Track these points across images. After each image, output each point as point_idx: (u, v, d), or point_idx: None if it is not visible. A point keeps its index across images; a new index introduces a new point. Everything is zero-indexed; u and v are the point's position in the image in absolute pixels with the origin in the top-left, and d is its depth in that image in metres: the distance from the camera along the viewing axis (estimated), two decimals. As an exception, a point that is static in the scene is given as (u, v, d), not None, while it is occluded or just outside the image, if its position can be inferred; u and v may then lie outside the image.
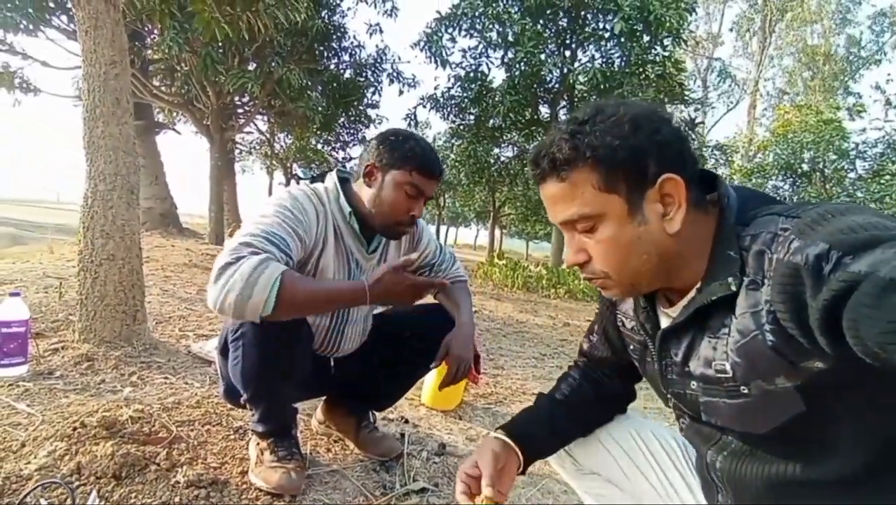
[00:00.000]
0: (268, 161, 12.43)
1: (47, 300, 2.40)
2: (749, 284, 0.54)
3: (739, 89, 21.76)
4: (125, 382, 1.63)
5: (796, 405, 0.54)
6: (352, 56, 8.12)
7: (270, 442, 1.16)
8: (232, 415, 1.46)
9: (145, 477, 1.04)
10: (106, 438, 1.10)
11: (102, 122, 1.80)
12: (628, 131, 0.57)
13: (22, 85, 6.04)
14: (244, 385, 1.08)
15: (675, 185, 0.57)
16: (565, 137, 0.58)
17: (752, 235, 0.55)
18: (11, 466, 1.00)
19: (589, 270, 0.64)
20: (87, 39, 1.79)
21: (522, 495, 1.35)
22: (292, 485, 1.11)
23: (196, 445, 1.25)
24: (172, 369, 1.81)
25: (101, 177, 1.80)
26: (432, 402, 1.89)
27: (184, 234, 7.29)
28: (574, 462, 0.90)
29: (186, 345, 2.09)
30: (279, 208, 1.02)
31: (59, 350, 1.76)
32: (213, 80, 6.01)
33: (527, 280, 7.12)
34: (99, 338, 1.81)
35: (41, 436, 1.11)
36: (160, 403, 1.45)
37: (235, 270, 0.85)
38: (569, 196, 0.60)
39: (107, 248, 1.81)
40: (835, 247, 0.43)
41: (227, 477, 1.13)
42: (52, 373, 1.60)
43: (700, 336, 0.61)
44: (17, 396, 1.40)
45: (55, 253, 4.37)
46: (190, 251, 5.27)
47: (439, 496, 1.26)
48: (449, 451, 1.52)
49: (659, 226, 0.58)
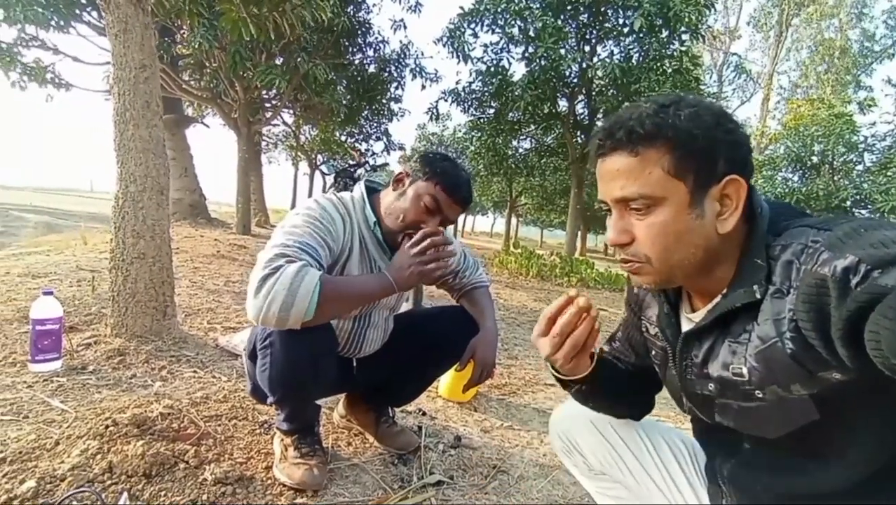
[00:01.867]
0: (293, 153, 12.52)
1: (80, 293, 2.45)
2: (774, 292, 0.54)
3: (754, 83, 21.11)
4: (155, 376, 1.65)
5: (810, 413, 0.54)
6: (376, 51, 8.08)
7: (294, 439, 1.17)
8: (258, 409, 1.46)
9: (174, 475, 1.04)
10: (137, 437, 1.11)
11: (133, 124, 1.79)
12: (710, 123, 0.56)
13: (54, 80, 6.08)
14: (272, 390, 1.08)
15: (737, 188, 0.56)
16: (649, 113, 0.56)
17: (783, 246, 0.54)
18: (46, 466, 1.00)
19: (630, 252, 0.61)
20: (116, 43, 1.78)
21: (534, 487, 1.34)
22: (315, 481, 1.12)
23: (223, 440, 1.25)
24: (201, 363, 1.83)
25: (131, 178, 1.81)
26: (449, 394, 1.90)
27: (212, 225, 7.42)
28: (585, 462, 0.90)
29: (214, 338, 2.11)
30: (308, 218, 1.03)
31: (91, 345, 1.78)
32: (241, 76, 6.02)
33: (541, 269, 7.07)
34: (130, 333, 1.84)
35: (74, 434, 1.12)
36: (189, 397, 1.46)
37: (276, 280, 0.88)
38: (635, 173, 0.57)
39: (137, 247, 1.82)
40: (864, 260, 0.42)
41: (252, 473, 1.14)
42: (85, 368, 1.62)
43: (721, 340, 0.61)
44: (52, 392, 1.42)
45: (88, 244, 4.47)
46: (218, 241, 5.35)
47: (454, 488, 1.27)
48: (464, 443, 1.52)
49: (712, 223, 0.57)
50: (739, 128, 0.58)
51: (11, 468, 0.99)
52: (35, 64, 5.86)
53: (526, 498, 1.29)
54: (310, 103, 7.24)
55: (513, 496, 1.28)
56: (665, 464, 0.83)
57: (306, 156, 11.96)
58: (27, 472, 0.98)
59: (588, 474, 0.91)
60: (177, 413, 1.28)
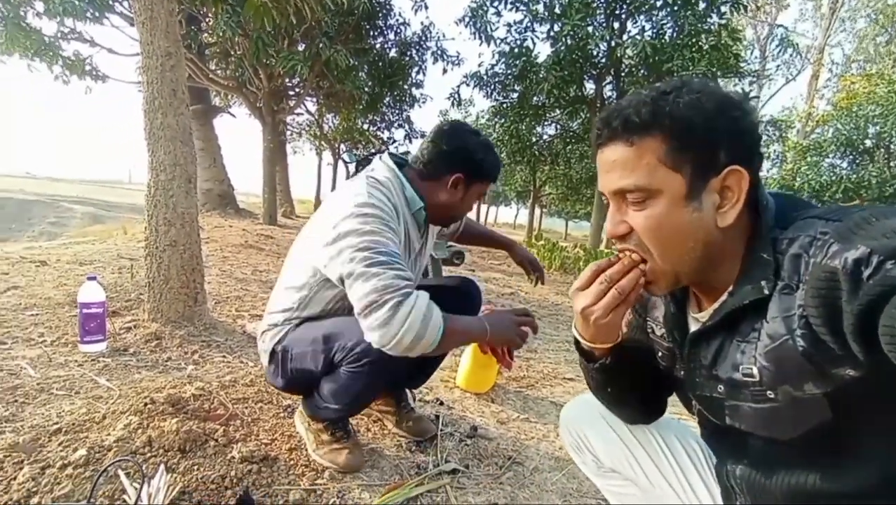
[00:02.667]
0: (317, 142, 12.72)
1: (121, 280, 2.64)
2: (783, 288, 0.52)
3: (802, 58, 19.56)
4: (188, 359, 1.77)
5: (823, 413, 0.53)
6: (397, 34, 8.03)
7: (327, 424, 1.23)
8: (281, 394, 1.55)
9: (205, 452, 1.13)
10: (172, 415, 1.21)
11: (161, 113, 1.86)
12: (711, 111, 0.54)
13: (91, 72, 6.36)
14: (348, 403, 1.14)
15: (739, 179, 0.54)
16: (646, 101, 0.55)
17: (790, 239, 0.52)
18: (95, 437, 1.12)
19: (627, 243, 0.61)
20: (143, 31, 1.84)
21: (549, 479, 1.37)
22: (357, 464, 1.21)
23: (249, 421, 1.34)
24: (229, 348, 1.94)
25: (161, 167, 1.89)
26: (466, 384, 1.94)
27: (240, 215, 7.68)
28: (595, 459, 0.89)
29: (242, 325, 2.23)
30: (379, 223, 1.02)
31: (131, 328, 1.93)
32: (264, 63, 6.14)
33: (564, 261, 6.97)
34: (165, 318, 1.96)
35: (118, 409, 1.24)
36: (218, 380, 1.56)
37: (410, 312, 0.93)
38: (631, 163, 0.56)
39: (169, 234, 1.92)
40: (876, 251, 0.41)
41: (276, 453, 1.22)
42: (126, 350, 1.76)
43: (730, 340, 0.59)
44: (99, 371, 1.56)
45: (128, 234, 4.75)
46: (246, 231, 5.56)
47: (469, 477, 1.31)
48: (480, 433, 1.56)
49: (711, 216, 0.55)
50: (747, 115, 0.55)
51: (66, 437, 1.12)
52: (74, 57, 6.13)
53: (540, 490, 1.31)
54: (332, 91, 7.31)
55: (527, 487, 1.31)
56: (680, 464, 0.81)
57: (330, 145, 12.15)
58: (79, 441, 1.10)
59: (598, 472, 0.90)
60: (207, 395, 1.38)
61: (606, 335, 0.69)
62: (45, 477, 0.97)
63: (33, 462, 1.01)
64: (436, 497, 1.19)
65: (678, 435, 0.84)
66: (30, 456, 1.03)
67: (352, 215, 1.01)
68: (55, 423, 1.18)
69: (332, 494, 1.11)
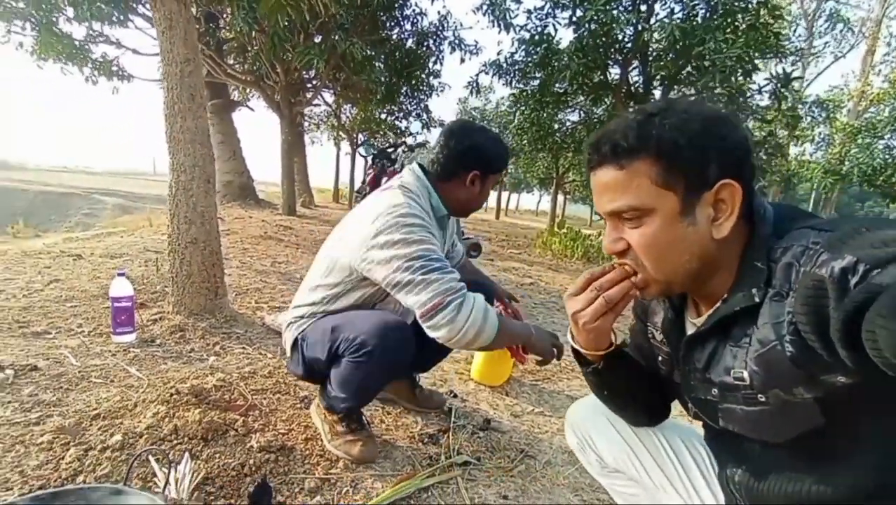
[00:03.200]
0: (335, 133, 12.86)
1: (147, 273, 2.78)
2: (774, 295, 0.54)
3: (854, 34, 18.31)
4: (210, 351, 1.87)
5: (815, 418, 0.54)
6: (413, 25, 8.00)
7: (342, 416, 1.29)
8: (298, 385, 1.63)
9: (226, 441, 1.21)
10: (195, 405, 1.30)
11: (181, 117, 1.97)
12: (697, 130, 0.56)
13: (118, 73, 6.73)
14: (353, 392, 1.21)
15: (732, 192, 0.56)
16: (632, 126, 0.58)
17: (784, 248, 0.54)
18: (129, 423, 1.22)
19: (624, 259, 0.64)
20: (164, 39, 1.94)
21: (561, 473, 1.40)
22: (371, 455, 1.27)
23: (268, 412, 1.42)
24: (249, 340, 2.04)
25: (181, 168, 2.00)
26: (480, 377, 1.96)
27: (260, 206, 7.89)
28: (599, 459, 0.91)
29: (261, 316, 2.33)
30: (424, 231, 1.12)
31: (157, 320, 2.05)
32: (281, 58, 6.24)
33: (587, 250, 6.89)
34: (188, 310, 2.08)
35: (148, 398, 1.33)
36: (238, 372, 1.65)
37: (471, 312, 1.05)
38: (623, 186, 0.59)
39: (190, 232, 2.03)
40: (862, 260, 0.42)
41: (293, 443, 1.29)
42: (153, 341, 1.88)
43: (723, 345, 0.62)
44: (130, 361, 1.68)
45: (153, 225, 4.97)
46: (265, 223, 5.71)
47: (481, 470, 1.34)
48: (493, 426, 1.59)
49: (706, 229, 0.58)
50: (735, 130, 0.58)
51: (104, 423, 1.23)
52: (102, 59, 6.52)
53: (552, 484, 1.34)
54: (348, 82, 7.37)
55: (539, 481, 1.34)
56: (684, 466, 0.83)
57: (347, 135, 12.26)
58: (115, 427, 1.21)
59: (602, 472, 0.93)
60: (228, 386, 1.47)
61: (596, 341, 0.73)
62: (87, 458, 1.08)
63: (78, 444, 1.12)
64: (446, 488, 1.23)
65: (683, 438, 0.86)
66: (74, 438, 1.14)
67: (397, 225, 1.10)
68: (94, 409, 1.29)
69: (346, 484, 1.18)
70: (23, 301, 2.15)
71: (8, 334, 1.77)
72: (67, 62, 6.21)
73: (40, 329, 1.86)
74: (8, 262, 2.84)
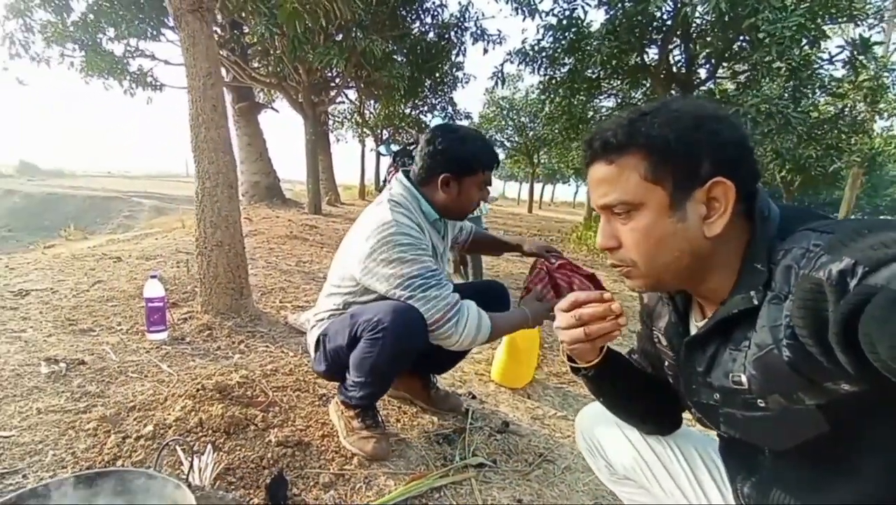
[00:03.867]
0: (359, 130, 13.12)
1: (179, 274, 3.00)
2: (772, 298, 0.54)
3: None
4: (235, 349, 2.00)
5: (818, 425, 0.54)
6: (434, 17, 8.04)
7: (358, 411, 1.37)
8: (318, 383, 1.72)
9: (246, 435, 1.31)
10: (219, 400, 1.41)
11: (204, 127, 2.13)
12: (688, 126, 0.57)
13: (152, 83, 7.38)
14: (367, 372, 1.27)
15: (724, 191, 0.57)
16: (623, 123, 0.60)
17: (786, 250, 0.54)
18: (160, 415, 1.35)
19: (617, 256, 0.65)
20: (188, 56, 2.11)
21: (580, 479, 1.41)
22: (384, 453, 1.34)
23: (287, 408, 1.52)
24: (272, 339, 2.16)
25: (206, 175, 2.15)
26: (501, 378, 1.98)
27: (286, 205, 8.20)
28: (608, 466, 0.92)
29: (284, 315, 2.46)
30: (415, 250, 1.23)
31: (187, 319, 2.21)
32: (302, 59, 6.47)
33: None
34: (215, 310, 2.23)
35: (176, 393, 1.46)
36: (261, 369, 1.76)
37: (467, 319, 1.24)
38: (613, 180, 0.61)
39: (215, 236, 2.18)
40: (861, 262, 0.42)
41: (310, 439, 1.37)
42: (183, 339, 2.03)
43: (723, 348, 0.62)
44: (161, 358, 1.83)
45: (185, 226, 5.29)
46: (291, 222, 5.95)
47: (496, 472, 1.37)
48: (512, 429, 1.61)
49: (697, 226, 0.59)
50: (731, 128, 0.58)
51: (139, 414, 1.37)
52: (139, 72, 7.22)
53: (570, 490, 1.34)
54: (370, 79, 7.51)
55: (556, 486, 1.35)
56: (696, 475, 0.83)
57: (371, 132, 12.49)
58: (147, 418, 1.34)
59: (611, 478, 0.94)
60: (250, 383, 1.58)
61: (579, 356, 0.76)
62: (125, 445, 1.22)
63: (117, 432, 1.27)
64: (460, 489, 1.27)
65: (698, 447, 0.85)
66: (114, 427, 1.29)
67: (389, 245, 1.21)
68: (131, 401, 1.44)
69: (360, 480, 1.25)
70: (72, 301, 2.38)
71: (61, 331, 1.99)
72: (108, 77, 6.97)
73: (86, 327, 2.06)
74: (61, 264, 3.16)
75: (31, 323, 2.04)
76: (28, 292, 2.44)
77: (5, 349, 1.74)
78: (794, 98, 5.92)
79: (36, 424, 1.29)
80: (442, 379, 1.86)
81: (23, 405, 1.37)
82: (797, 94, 6.02)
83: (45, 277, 2.78)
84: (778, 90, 6.23)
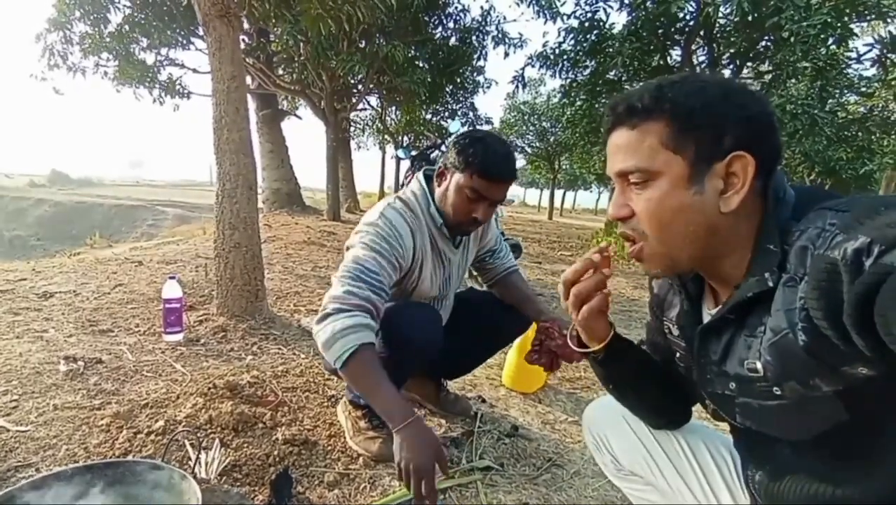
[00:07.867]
0: (380, 136, 13.35)
1: (197, 278, 3.11)
2: (787, 280, 0.53)
3: None
4: (248, 350, 2.06)
5: (837, 413, 0.53)
6: (456, 22, 8.17)
7: (365, 411, 1.39)
8: (327, 385, 1.75)
9: (254, 432, 1.35)
10: (229, 398, 1.45)
11: (227, 129, 2.21)
12: (715, 97, 0.57)
13: (180, 91, 7.68)
14: None
15: (744, 165, 0.55)
16: (650, 88, 0.60)
17: (801, 231, 0.53)
18: (171, 412, 1.41)
19: (629, 225, 0.64)
20: (214, 60, 2.20)
21: (590, 485, 1.39)
22: (388, 453, 1.29)
23: (296, 408, 1.55)
24: (285, 341, 2.21)
25: (227, 177, 2.23)
26: (512, 383, 1.97)
27: (306, 212, 8.38)
28: (615, 461, 0.91)
29: (298, 319, 2.51)
30: (377, 240, 1.19)
31: (203, 321, 2.29)
32: (325, 65, 6.65)
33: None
34: (231, 312, 2.30)
35: (189, 391, 1.52)
36: (272, 370, 1.81)
37: (327, 325, 1.06)
38: (633, 146, 0.60)
39: (233, 237, 2.25)
40: (877, 241, 0.40)
41: (316, 439, 1.40)
42: (198, 340, 2.10)
43: (738, 334, 0.60)
44: (176, 358, 1.90)
45: (206, 233, 5.48)
46: (310, 228, 6.08)
47: (503, 476, 1.36)
48: (521, 433, 1.60)
49: (714, 201, 0.57)
50: (758, 103, 0.57)
51: (152, 411, 1.43)
52: (168, 80, 7.51)
53: (579, 495, 1.33)
54: (392, 85, 7.66)
55: (564, 491, 1.33)
56: (704, 470, 0.82)
57: (393, 139, 12.68)
58: (160, 415, 1.40)
59: (617, 474, 0.93)
60: (261, 382, 1.62)
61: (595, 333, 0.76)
62: (136, 440, 1.28)
63: (129, 428, 1.33)
64: (465, 492, 1.27)
65: (706, 441, 0.84)
66: (127, 423, 1.35)
67: (370, 231, 1.21)
68: (144, 399, 1.50)
69: (364, 480, 1.26)
70: (94, 303, 2.49)
71: (81, 331, 2.08)
72: (139, 85, 7.28)
73: (105, 327, 2.15)
74: (85, 268, 3.32)
75: (54, 323, 2.15)
76: (52, 294, 2.57)
77: (27, 348, 1.83)
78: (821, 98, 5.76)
79: (52, 420, 1.35)
80: (452, 383, 1.86)
81: (40, 402, 1.44)
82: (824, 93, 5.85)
83: (68, 280, 2.91)
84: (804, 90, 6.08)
